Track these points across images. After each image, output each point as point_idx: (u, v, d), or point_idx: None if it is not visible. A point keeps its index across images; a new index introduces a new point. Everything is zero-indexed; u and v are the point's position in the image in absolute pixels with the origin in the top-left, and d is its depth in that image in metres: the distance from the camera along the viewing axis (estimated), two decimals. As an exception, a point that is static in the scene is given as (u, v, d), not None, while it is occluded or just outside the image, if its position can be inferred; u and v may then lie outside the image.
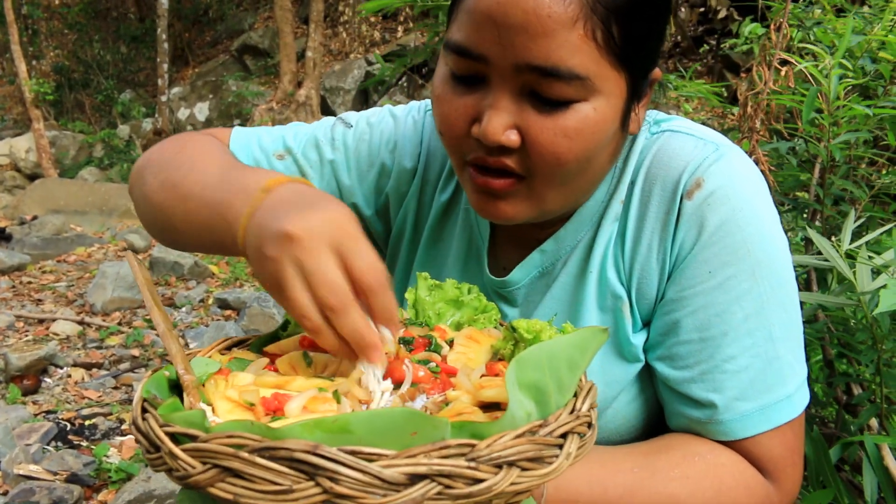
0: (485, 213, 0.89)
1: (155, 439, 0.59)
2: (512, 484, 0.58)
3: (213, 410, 0.65)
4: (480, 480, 0.57)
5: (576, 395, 0.68)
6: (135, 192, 1.01)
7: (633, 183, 0.92)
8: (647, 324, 0.93)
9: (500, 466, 0.58)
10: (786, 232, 2.06)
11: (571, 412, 0.65)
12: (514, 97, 0.79)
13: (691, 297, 0.87)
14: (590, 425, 0.67)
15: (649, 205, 0.90)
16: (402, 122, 1.09)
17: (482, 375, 0.72)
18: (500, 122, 0.79)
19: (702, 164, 0.87)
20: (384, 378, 0.71)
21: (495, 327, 0.85)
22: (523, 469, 0.59)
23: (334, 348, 0.69)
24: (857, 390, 1.72)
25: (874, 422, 1.64)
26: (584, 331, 0.69)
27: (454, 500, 0.56)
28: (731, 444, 0.88)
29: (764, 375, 0.86)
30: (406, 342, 0.78)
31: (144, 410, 0.63)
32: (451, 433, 0.58)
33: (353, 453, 0.54)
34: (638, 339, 0.92)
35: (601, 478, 0.83)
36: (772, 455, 0.87)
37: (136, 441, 0.62)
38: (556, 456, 0.61)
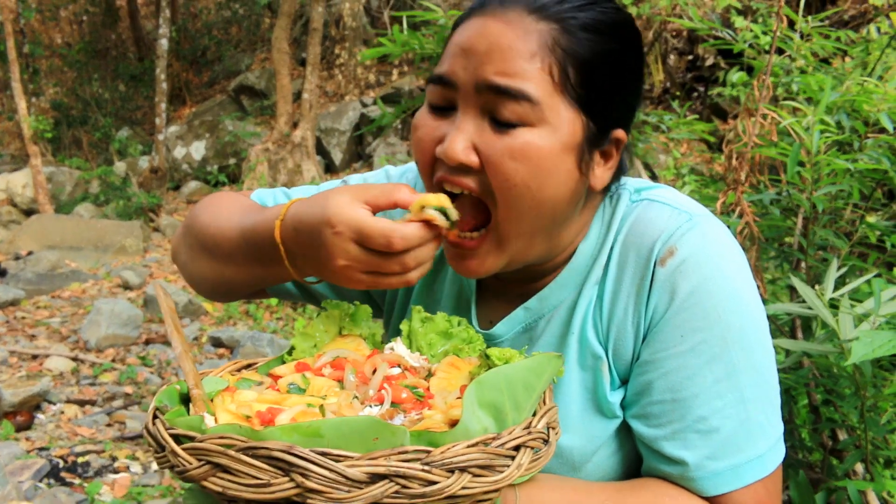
0: (457, 269, 0.97)
1: (161, 440, 0.69)
2: (464, 488, 0.66)
3: (216, 421, 0.75)
4: (434, 482, 0.65)
5: (535, 415, 0.77)
6: (178, 260, 1.15)
7: (612, 249, 0.98)
8: (625, 381, 0.98)
9: (452, 471, 0.66)
10: (771, 280, 2.12)
11: (526, 428, 0.73)
12: (475, 118, 0.88)
13: (664, 360, 0.92)
14: (545, 441, 0.76)
15: (625, 270, 0.96)
16: (395, 180, 1.17)
17: (457, 398, 0.80)
18: (461, 142, 0.88)
19: (675, 232, 0.93)
20: (372, 401, 0.80)
21: (479, 357, 0.93)
22: (474, 475, 0.67)
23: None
24: (842, 436, 1.76)
25: (859, 467, 1.67)
26: (540, 356, 0.79)
27: (410, 499, 0.65)
28: (703, 498, 0.92)
29: (735, 436, 0.90)
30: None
31: (155, 416, 0.73)
32: (410, 440, 0.67)
33: (322, 454, 0.63)
34: (616, 397, 0.97)
35: (575, 501, 0.88)
36: None
37: (147, 444, 0.73)
38: (508, 466, 0.70)
